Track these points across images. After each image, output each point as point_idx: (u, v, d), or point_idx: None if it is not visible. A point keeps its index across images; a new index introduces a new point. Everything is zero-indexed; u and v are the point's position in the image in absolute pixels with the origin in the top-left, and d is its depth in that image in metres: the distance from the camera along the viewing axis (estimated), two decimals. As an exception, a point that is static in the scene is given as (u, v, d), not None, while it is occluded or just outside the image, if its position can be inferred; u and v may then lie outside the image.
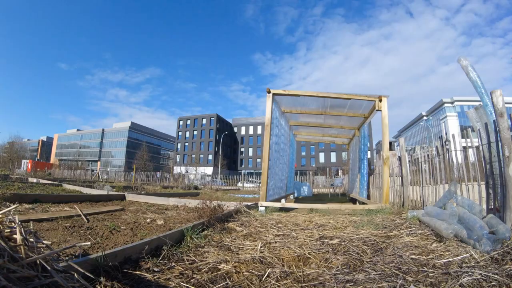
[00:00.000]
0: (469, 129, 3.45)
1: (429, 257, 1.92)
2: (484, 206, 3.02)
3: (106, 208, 4.24)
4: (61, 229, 2.60)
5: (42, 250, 1.35)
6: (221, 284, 1.48)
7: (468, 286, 1.44)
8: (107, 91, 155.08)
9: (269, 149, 5.36)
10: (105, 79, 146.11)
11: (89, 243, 2.17)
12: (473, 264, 1.75)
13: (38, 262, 1.17)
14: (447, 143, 4.08)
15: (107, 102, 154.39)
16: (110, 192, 6.44)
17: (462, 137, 3.93)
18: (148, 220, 3.43)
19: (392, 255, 1.97)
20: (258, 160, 67.19)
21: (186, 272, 1.62)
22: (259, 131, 69.95)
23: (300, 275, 1.62)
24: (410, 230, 2.74)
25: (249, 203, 5.09)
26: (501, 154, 2.60)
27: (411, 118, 66.72)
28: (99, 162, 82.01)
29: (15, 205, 2.45)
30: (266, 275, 1.60)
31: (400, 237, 2.51)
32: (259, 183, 17.10)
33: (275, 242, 2.37)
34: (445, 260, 1.83)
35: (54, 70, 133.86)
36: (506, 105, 2.70)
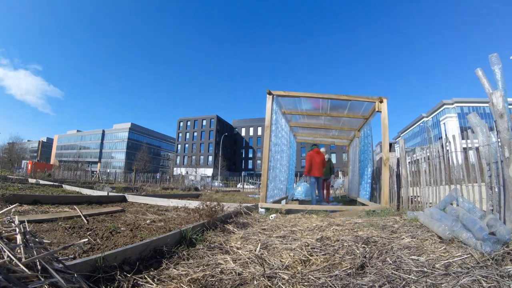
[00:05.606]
0: (469, 130, 3.46)
1: (429, 258, 1.92)
2: (484, 207, 3.02)
3: (106, 209, 4.24)
4: (61, 230, 2.60)
5: (42, 250, 1.35)
6: (221, 286, 1.48)
7: (468, 286, 1.44)
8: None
9: (269, 150, 5.36)
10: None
11: (88, 242, 2.17)
12: (473, 265, 1.75)
13: (38, 262, 1.17)
14: (447, 144, 4.08)
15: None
16: (110, 193, 6.43)
17: (463, 138, 3.93)
18: (148, 221, 3.43)
19: (392, 256, 1.96)
20: (258, 161, 67.18)
21: (185, 273, 1.62)
22: (259, 132, 69.93)
23: (300, 277, 1.61)
24: (410, 231, 2.74)
25: (249, 205, 5.08)
26: (501, 155, 2.61)
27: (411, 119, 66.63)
28: (99, 163, 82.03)
29: (14, 206, 2.45)
30: (265, 276, 1.60)
31: (401, 238, 2.51)
32: (259, 184, 17.08)
33: (275, 243, 2.36)
34: (445, 261, 1.83)
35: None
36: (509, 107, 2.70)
